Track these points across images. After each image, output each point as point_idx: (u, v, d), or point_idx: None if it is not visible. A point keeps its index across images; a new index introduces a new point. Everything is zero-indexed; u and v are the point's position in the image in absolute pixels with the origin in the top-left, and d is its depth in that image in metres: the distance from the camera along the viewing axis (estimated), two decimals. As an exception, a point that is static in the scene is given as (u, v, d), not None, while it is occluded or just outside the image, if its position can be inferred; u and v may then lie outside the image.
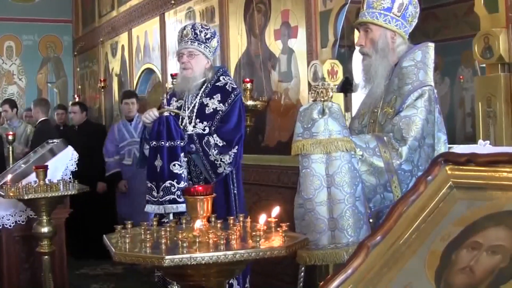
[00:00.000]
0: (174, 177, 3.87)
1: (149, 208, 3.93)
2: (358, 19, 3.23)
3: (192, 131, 4.05)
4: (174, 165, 3.89)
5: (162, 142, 3.90)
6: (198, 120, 4.08)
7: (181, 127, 4.05)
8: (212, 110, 4.10)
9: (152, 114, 3.98)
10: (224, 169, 4.04)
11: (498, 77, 3.68)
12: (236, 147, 4.08)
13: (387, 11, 3.09)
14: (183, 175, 3.90)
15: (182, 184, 3.82)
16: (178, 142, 3.91)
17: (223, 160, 4.02)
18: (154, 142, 3.93)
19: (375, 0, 3.11)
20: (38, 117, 8.63)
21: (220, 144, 4.00)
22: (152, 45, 8.48)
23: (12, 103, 9.25)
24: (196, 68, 4.13)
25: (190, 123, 4.08)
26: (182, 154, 3.92)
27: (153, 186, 3.91)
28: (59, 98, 11.78)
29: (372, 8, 3.12)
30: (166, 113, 3.97)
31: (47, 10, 11.60)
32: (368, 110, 3.23)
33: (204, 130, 4.06)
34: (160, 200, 3.85)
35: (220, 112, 4.10)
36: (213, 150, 3.98)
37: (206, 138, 4.00)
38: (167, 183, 3.84)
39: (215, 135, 4.01)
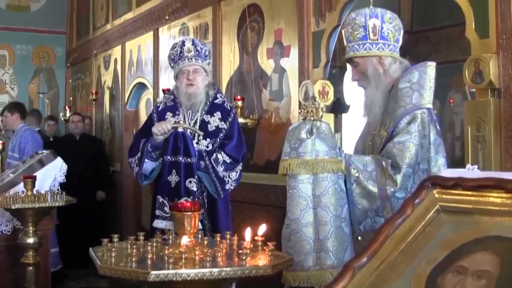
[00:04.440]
0: (189, 194, 3.89)
1: (160, 224, 3.90)
2: (344, 57, 3.23)
3: (195, 148, 4.04)
4: (190, 181, 3.92)
5: (180, 158, 3.91)
6: (201, 137, 4.08)
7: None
8: (214, 127, 4.12)
9: (165, 127, 3.93)
10: (231, 185, 4.09)
11: (488, 102, 3.70)
12: (241, 163, 4.15)
13: (363, 39, 3.07)
14: (196, 192, 3.93)
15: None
16: (194, 160, 3.93)
17: (230, 176, 4.07)
18: (169, 157, 3.93)
19: (350, 34, 3.10)
20: None
21: (228, 161, 4.04)
22: (144, 59, 8.49)
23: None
24: (201, 85, 4.15)
25: (193, 139, 4.06)
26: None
27: (165, 201, 3.91)
28: (50, 109, 11.75)
29: (351, 42, 3.11)
30: (180, 129, 3.96)
31: (42, 20, 11.60)
32: (369, 132, 3.21)
33: (207, 147, 4.07)
34: None
35: (223, 130, 4.12)
36: (220, 167, 4.00)
37: (214, 155, 4.02)
38: (183, 200, 3.79)
39: (222, 152, 4.04)
